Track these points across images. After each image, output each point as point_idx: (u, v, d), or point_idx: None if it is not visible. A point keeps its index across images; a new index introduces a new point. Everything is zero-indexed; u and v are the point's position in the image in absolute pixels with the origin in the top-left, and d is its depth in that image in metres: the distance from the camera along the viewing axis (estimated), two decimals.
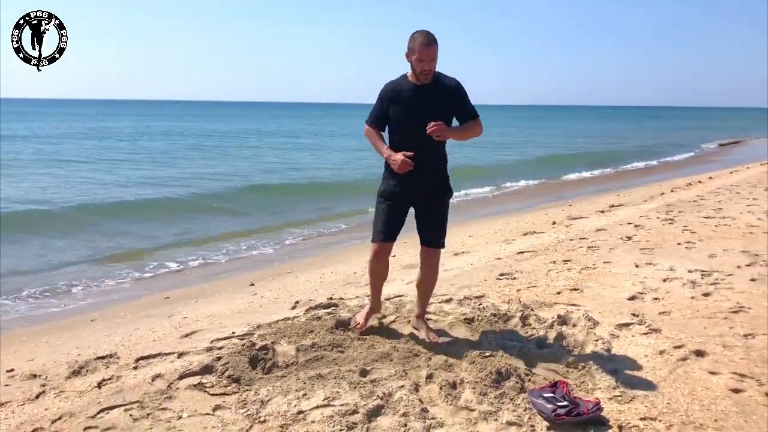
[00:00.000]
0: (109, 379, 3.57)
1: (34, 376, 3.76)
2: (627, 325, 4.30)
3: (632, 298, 4.95)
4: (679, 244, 6.99)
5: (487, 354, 3.67)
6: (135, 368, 3.73)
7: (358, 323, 4.11)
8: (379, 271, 4.06)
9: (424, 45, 3.55)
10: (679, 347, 3.89)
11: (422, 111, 3.68)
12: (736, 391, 3.31)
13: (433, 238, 3.92)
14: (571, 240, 7.38)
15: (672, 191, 12.71)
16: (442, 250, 4.03)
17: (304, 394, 3.21)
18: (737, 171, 17.58)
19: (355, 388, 3.26)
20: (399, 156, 3.66)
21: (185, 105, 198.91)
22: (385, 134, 3.94)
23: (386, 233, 3.89)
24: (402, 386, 3.25)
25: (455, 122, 3.88)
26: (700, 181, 14.59)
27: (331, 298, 5.06)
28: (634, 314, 4.51)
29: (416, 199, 3.88)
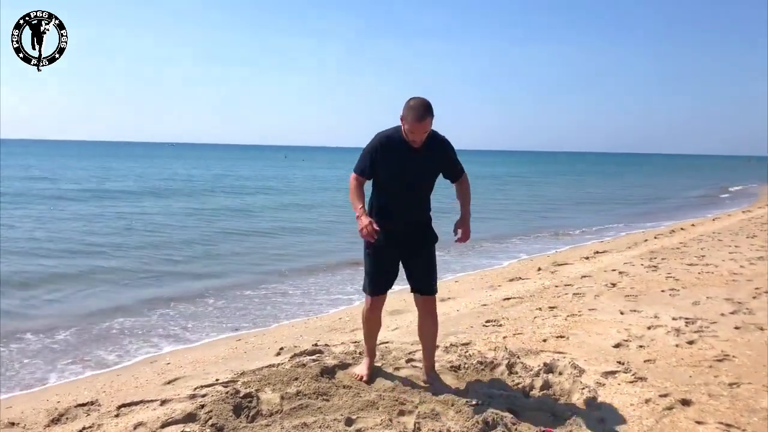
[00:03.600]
0: (90, 427, 3.50)
1: (13, 424, 3.69)
2: (613, 373, 4.30)
3: (617, 346, 4.96)
4: (663, 291, 7.03)
5: (473, 403, 3.65)
6: (116, 416, 3.66)
7: (362, 376, 4.09)
8: (374, 324, 4.13)
9: (416, 120, 3.49)
10: (665, 396, 3.88)
11: (412, 171, 3.72)
12: None
13: (424, 285, 3.92)
14: (556, 287, 7.42)
15: (655, 238, 12.84)
16: (437, 297, 4.05)
17: None
18: (719, 218, 17.82)
19: None
20: (365, 220, 3.56)
21: (182, 147, 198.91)
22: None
23: (379, 286, 3.95)
24: None
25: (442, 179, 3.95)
26: (682, 228, 14.75)
27: (316, 345, 5.02)
28: (619, 362, 4.52)
29: (402, 249, 3.88)
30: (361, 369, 4.17)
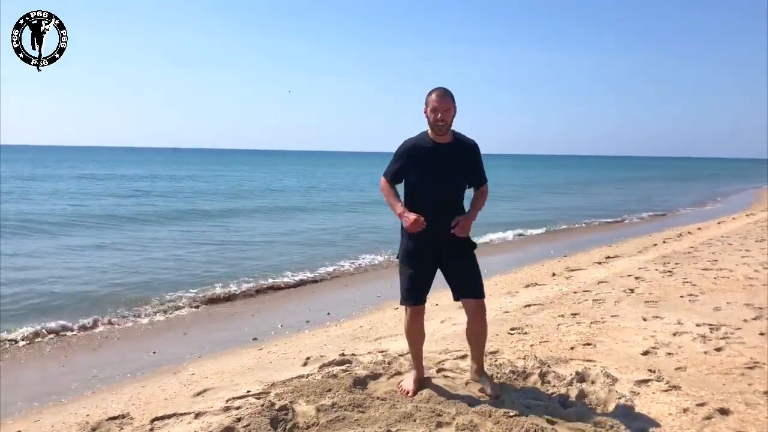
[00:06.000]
0: None
1: None
2: (645, 381, 4.26)
3: (646, 353, 4.92)
4: (681, 296, 7.00)
5: (511, 414, 3.61)
6: (151, 430, 3.62)
7: (408, 391, 3.95)
8: (416, 335, 4.00)
9: (438, 96, 3.67)
10: (702, 405, 3.84)
11: (441, 169, 3.72)
12: None
13: (472, 290, 3.88)
14: (575, 293, 7.38)
15: (664, 242, 12.82)
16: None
17: None
18: (724, 221, 17.81)
19: None
20: (412, 215, 3.65)
21: (184, 153, 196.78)
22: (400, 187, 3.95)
23: (415, 297, 3.87)
24: None
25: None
26: (690, 232, 14.74)
27: (343, 354, 4.98)
28: (650, 370, 4.48)
29: (439, 256, 3.85)
30: (406, 383, 4.05)
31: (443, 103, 3.65)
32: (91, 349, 6.57)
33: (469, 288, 3.89)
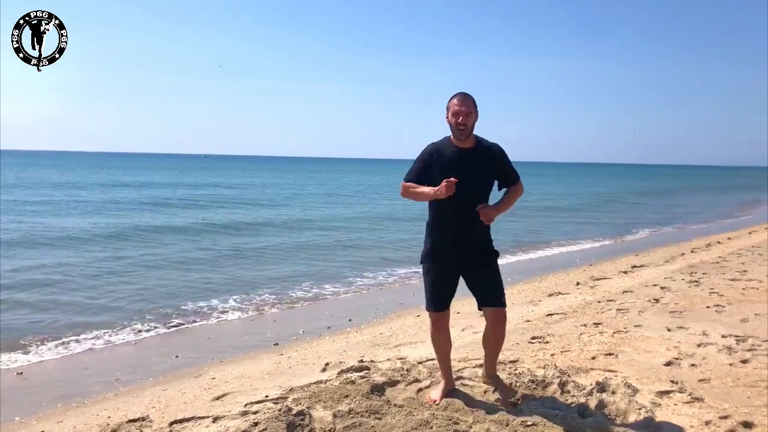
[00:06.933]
0: None
1: None
2: (667, 392, 4.19)
3: (669, 364, 4.84)
4: (708, 307, 6.88)
5: (529, 423, 3.58)
6: None
7: (434, 400, 3.91)
8: (440, 342, 3.98)
9: (459, 100, 3.68)
10: (725, 418, 3.77)
11: (464, 174, 3.68)
12: None
13: (494, 298, 3.85)
14: (598, 302, 7.30)
15: (692, 252, 12.62)
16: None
17: None
18: (756, 231, 17.46)
19: None
20: (442, 184, 3.55)
21: (214, 159, 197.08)
22: None
23: (438, 302, 3.87)
24: None
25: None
26: (719, 242, 14.48)
27: (362, 361, 4.98)
28: (673, 381, 4.40)
29: (462, 263, 3.82)
30: (435, 393, 4.01)
31: (464, 106, 3.65)
32: (114, 353, 6.67)
33: (490, 296, 3.86)
